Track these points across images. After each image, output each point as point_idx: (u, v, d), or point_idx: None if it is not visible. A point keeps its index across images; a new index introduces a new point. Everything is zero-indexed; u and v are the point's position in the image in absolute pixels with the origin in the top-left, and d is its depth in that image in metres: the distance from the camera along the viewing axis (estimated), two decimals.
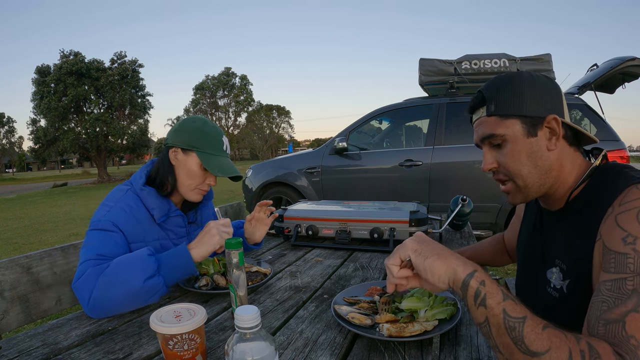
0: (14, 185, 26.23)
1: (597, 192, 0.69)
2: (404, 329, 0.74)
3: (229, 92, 36.46)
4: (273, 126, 57.37)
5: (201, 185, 1.14)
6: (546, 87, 0.74)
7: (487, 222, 3.64)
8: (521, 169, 0.74)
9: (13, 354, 0.75)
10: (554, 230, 0.79)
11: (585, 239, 0.67)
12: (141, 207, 1.09)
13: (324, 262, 1.34)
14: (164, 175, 1.13)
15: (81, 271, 0.93)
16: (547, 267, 0.78)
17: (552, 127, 0.73)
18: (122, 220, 1.03)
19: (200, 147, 1.11)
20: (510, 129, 0.73)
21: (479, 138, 0.79)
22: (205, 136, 1.12)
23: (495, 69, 3.84)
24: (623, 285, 0.55)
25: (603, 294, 0.57)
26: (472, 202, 1.63)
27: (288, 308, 0.95)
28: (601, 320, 0.54)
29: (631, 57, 3.37)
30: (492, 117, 0.75)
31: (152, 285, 0.91)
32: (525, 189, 0.75)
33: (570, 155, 0.75)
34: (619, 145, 3.36)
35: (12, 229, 6.82)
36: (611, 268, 0.58)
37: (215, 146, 1.13)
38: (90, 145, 20.68)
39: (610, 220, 0.62)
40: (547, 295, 0.77)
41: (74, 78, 19.86)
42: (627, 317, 0.52)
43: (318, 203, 1.93)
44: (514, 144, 0.74)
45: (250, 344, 0.53)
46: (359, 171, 4.08)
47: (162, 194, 1.13)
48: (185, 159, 1.12)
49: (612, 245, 0.59)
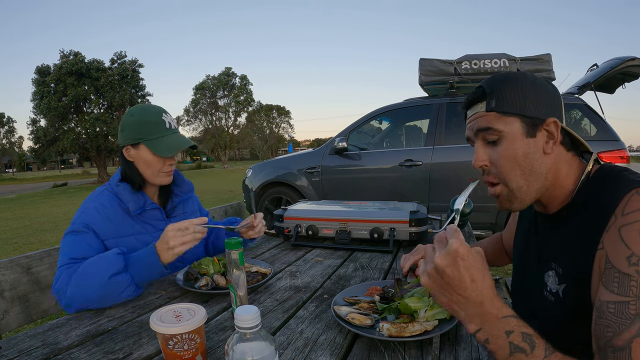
0: (14, 185, 26.24)
1: (595, 196, 0.68)
2: (404, 329, 0.74)
3: (229, 92, 36.40)
4: (273, 126, 57.41)
5: (163, 169, 1.18)
6: (548, 90, 0.73)
7: (487, 222, 3.64)
8: (516, 171, 0.71)
9: (13, 354, 0.75)
10: (550, 233, 0.78)
11: (584, 244, 0.66)
12: (115, 204, 1.14)
13: (324, 262, 1.34)
14: (129, 174, 1.19)
15: (57, 277, 1.01)
16: (544, 270, 0.77)
17: (550, 130, 0.71)
18: (94, 219, 1.09)
19: (144, 136, 1.15)
20: (509, 125, 0.71)
21: (474, 131, 0.75)
22: (145, 124, 1.16)
23: (495, 69, 3.84)
24: (626, 310, 0.55)
25: (607, 317, 0.57)
26: (472, 202, 1.63)
27: (288, 308, 0.95)
28: (609, 347, 0.56)
29: (631, 57, 3.37)
30: (492, 112, 0.72)
31: (119, 281, 0.94)
32: (518, 192, 0.72)
33: (567, 160, 0.74)
34: (619, 145, 3.36)
35: (12, 229, 6.82)
36: (614, 288, 0.58)
37: (157, 129, 1.16)
38: (90, 145, 20.66)
39: (614, 231, 0.61)
40: (543, 298, 0.77)
41: (74, 78, 19.84)
42: (633, 343, 0.54)
43: (318, 203, 1.93)
44: (511, 143, 0.71)
45: (250, 344, 0.53)
46: (359, 171, 4.08)
47: (135, 189, 1.18)
48: (137, 152, 1.17)
49: (616, 263, 0.59)
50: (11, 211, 9.82)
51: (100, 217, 1.10)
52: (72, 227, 1.07)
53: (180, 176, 1.34)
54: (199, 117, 37.97)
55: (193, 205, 1.39)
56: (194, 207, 1.39)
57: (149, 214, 1.19)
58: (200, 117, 37.97)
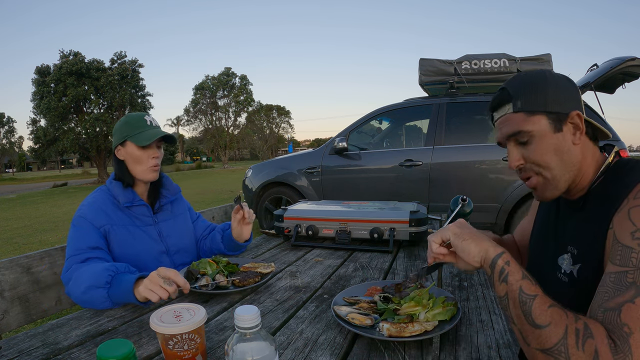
0: (14, 185, 26.23)
1: (613, 184, 0.72)
2: (404, 329, 0.74)
3: (229, 92, 36.35)
4: (273, 126, 57.36)
5: (148, 163, 1.28)
6: (566, 85, 0.77)
7: (487, 222, 3.64)
8: (550, 162, 0.75)
9: (13, 354, 0.75)
10: (570, 218, 0.81)
11: (598, 226, 0.70)
12: (107, 198, 1.26)
13: (324, 262, 1.34)
14: (120, 173, 1.30)
15: (67, 266, 1.11)
16: (559, 254, 0.81)
17: (575, 123, 0.75)
18: (89, 212, 1.20)
19: (129, 134, 1.27)
20: (537, 124, 0.75)
21: (504, 136, 0.79)
22: (129, 124, 1.28)
23: (495, 69, 3.84)
24: (624, 278, 0.59)
25: (607, 284, 0.61)
26: (472, 202, 1.63)
27: (288, 308, 0.95)
28: (601, 308, 0.60)
29: (631, 57, 3.37)
30: (519, 113, 0.76)
31: (94, 295, 0.98)
32: (554, 180, 0.77)
33: (590, 149, 0.78)
34: (619, 145, 3.36)
35: (12, 229, 6.82)
36: (617, 260, 0.62)
37: (139, 126, 1.28)
38: (90, 145, 20.65)
39: (624, 212, 0.65)
40: (557, 280, 0.80)
41: (73, 78, 19.82)
42: (624, 306, 0.57)
43: (318, 203, 1.93)
44: (542, 139, 0.75)
45: (250, 344, 0.53)
46: (359, 171, 4.08)
47: (124, 186, 1.29)
48: (125, 150, 1.28)
49: (621, 238, 0.63)
50: (11, 211, 9.81)
51: (94, 209, 1.21)
52: (73, 222, 1.19)
53: (168, 180, 1.44)
54: (199, 117, 37.88)
55: (182, 205, 1.47)
56: (183, 208, 1.46)
57: (137, 210, 1.29)
58: (200, 117, 37.90)
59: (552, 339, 0.57)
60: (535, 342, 0.59)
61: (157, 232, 1.31)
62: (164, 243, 1.32)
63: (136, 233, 1.25)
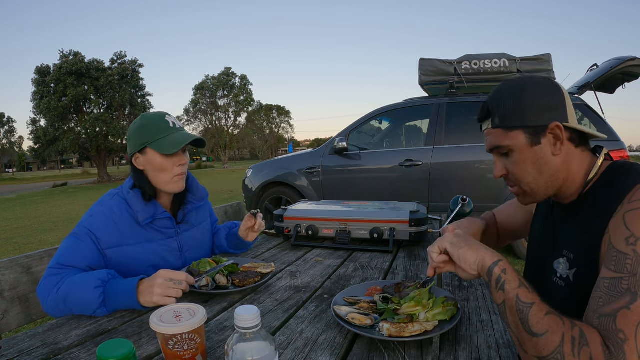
0: (14, 185, 26.22)
1: (608, 188, 0.72)
2: (404, 329, 0.74)
3: (229, 92, 36.34)
4: (273, 126, 57.37)
5: (173, 172, 1.13)
6: (548, 93, 0.76)
7: None
8: (526, 176, 0.78)
9: (13, 354, 0.75)
10: (564, 222, 0.82)
11: (594, 230, 0.70)
12: (124, 211, 1.11)
13: (324, 262, 1.34)
14: (140, 184, 1.15)
15: (44, 277, 1.00)
16: (555, 257, 0.81)
17: (555, 134, 0.75)
18: (99, 225, 1.06)
19: (149, 140, 1.11)
20: (514, 140, 0.77)
21: (489, 148, 0.83)
22: (148, 128, 1.12)
23: (495, 69, 3.84)
24: (619, 284, 0.60)
25: (601, 290, 0.62)
26: (472, 202, 1.63)
27: (288, 308, 0.95)
28: (596, 314, 0.60)
29: (631, 57, 3.37)
30: (497, 129, 0.79)
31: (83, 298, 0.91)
32: (532, 192, 0.80)
33: (577, 155, 0.77)
34: (619, 145, 3.36)
35: (12, 229, 6.82)
36: (612, 266, 0.62)
37: (160, 129, 1.12)
38: (90, 145, 20.65)
39: (619, 216, 0.65)
40: (553, 285, 0.80)
41: (73, 78, 19.82)
42: (619, 313, 0.57)
43: (318, 203, 1.93)
44: (519, 154, 0.77)
45: (250, 344, 0.53)
46: (359, 171, 4.08)
47: (146, 199, 1.14)
48: (145, 158, 1.13)
49: (616, 243, 0.63)
50: (11, 211, 9.81)
51: (106, 223, 1.07)
52: (76, 229, 1.06)
53: (194, 182, 1.29)
54: (199, 117, 37.89)
55: (205, 213, 1.35)
56: (205, 215, 1.35)
57: (159, 222, 1.15)
58: (200, 117, 37.90)
59: (549, 347, 0.58)
60: (533, 350, 0.60)
61: (177, 245, 1.19)
62: (183, 258, 1.21)
63: (154, 249, 1.13)
